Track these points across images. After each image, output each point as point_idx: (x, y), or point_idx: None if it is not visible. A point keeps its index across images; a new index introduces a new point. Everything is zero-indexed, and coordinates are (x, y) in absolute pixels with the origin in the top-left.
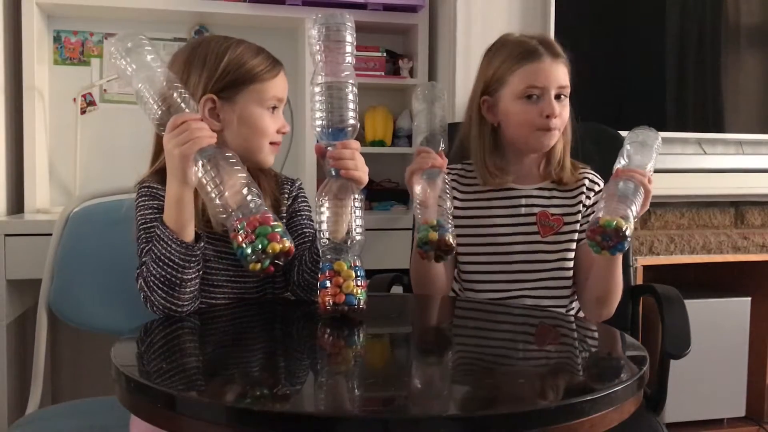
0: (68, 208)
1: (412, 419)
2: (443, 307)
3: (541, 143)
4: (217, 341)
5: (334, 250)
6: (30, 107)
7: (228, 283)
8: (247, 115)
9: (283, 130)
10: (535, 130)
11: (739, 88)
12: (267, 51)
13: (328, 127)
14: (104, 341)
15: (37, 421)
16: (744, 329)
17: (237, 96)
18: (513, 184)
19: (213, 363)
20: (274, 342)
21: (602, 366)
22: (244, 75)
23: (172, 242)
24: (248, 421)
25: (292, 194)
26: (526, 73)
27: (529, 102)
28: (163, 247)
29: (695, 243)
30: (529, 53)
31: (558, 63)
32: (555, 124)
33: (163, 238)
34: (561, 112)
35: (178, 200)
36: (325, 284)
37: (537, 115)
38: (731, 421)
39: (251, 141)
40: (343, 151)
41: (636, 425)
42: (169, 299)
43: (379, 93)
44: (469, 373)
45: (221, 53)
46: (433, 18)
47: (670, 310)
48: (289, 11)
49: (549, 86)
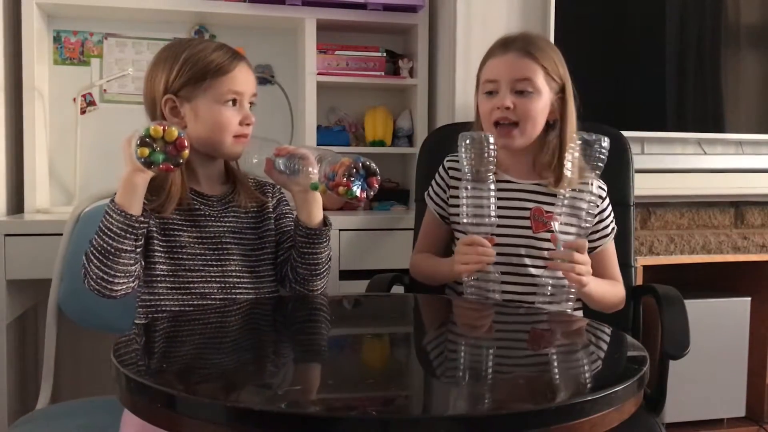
0: (79, 208)
1: (412, 419)
2: (443, 307)
3: (502, 143)
4: (217, 341)
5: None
6: (30, 107)
7: (205, 267)
8: (203, 111)
9: (246, 122)
10: (492, 124)
11: (739, 88)
12: (226, 47)
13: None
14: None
15: (38, 419)
16: (744, 329)
17: (193, 94)
18: (509, 177)
19: (213, 363)
20: (275, 342)
21: (602, 366)
22: (198, 73)
23: (114, 213)
24: (248, 421)
25: (275, 195)
26: (487, 68)
27: (487, 96)
28: (106, 219)
29: (695, 243)
30: (495, 50)
31: (522, 57)
32: (511, 116)
33: (108, 211)
34: (521, 105)
35: (128, 181)
36: (332, 175)
37: (492, 108)
38: (731, 421)
39: (211, 136)
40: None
41: (636, 425)
42: (103, 269)
43: (379, 93)
44: (469, 373)
45: (179, 54)
46: (433, 18)
47: (670, 310)
48: (289, 11)
49: (502, 79)
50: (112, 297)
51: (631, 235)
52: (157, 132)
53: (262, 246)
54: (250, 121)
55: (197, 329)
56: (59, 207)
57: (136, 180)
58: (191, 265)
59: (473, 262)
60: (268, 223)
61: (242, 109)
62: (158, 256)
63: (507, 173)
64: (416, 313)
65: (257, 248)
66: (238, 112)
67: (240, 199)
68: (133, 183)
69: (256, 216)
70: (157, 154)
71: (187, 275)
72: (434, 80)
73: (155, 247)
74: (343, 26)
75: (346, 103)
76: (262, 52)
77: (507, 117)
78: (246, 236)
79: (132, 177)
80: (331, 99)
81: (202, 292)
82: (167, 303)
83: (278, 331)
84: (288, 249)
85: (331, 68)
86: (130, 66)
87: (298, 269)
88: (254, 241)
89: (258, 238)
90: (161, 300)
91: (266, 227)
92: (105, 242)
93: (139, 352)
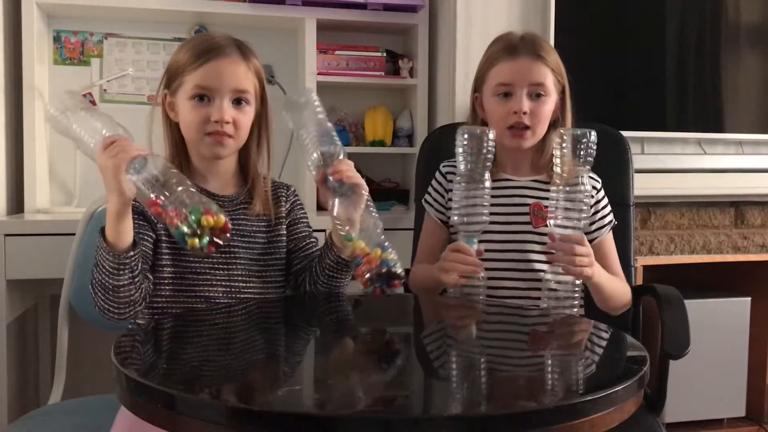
0: (92, 207)
1: (412, 419)
2: (443, 307)
3: (514, 142)
4: (217, 341)
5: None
6: (30, 107)
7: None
8: (179, 107)
9: (217, 119)
10: (506, 128)
11: (739, 88)
12: (213, 40)
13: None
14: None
15: (38, 417)
16: (744, 329)
17: (175, 91)
18: (508, 175)
19: (213, 363)
20: (275, 342)
21: (602, 366)
22: (174, 70)
23: (104, 251)
24: (248, 421)
25: (290, 199)
26: (499, 71)
27: (501, 99)
28: (99, 254)
29: (695, 243)
30: (505, 51)
31: (535, 61)
32: (526, 121)
33: (100, 247)
34: (535, 109)
35: (117, 213)
36: (358, 261)
37: (507, 112)
38: (731, 421)
39: (187, 134)
40: (339, 164)
41: (636, 425)
42: (108, 302)
43: (379, 93)
44: (469, 373)
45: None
46: (433, 18)
47: (669, 310)
48: (289, 11)
49: (518, 83)
50: (121, 322)
51: (631, 235)
52: (209, 222)
53: (272, 251)
54: (224, 119)
55: (197, 329)
56: (59, 207)
57: (124, 211)
58: (197, 267)
59: (457, 271)
60: (280, 228)
61: (216, 105)
62: (165, 258)
63: (505, 171)
64: (416, 313)
65: (266, 253)
66: (207, 109)
67: (254, 206)
68: (122, 214)
69: (267, 219)
70: (204, 238)
71: (193, 278)
72: (434, 80)
73: (162, 249)
74: (343, 26)
75: (346, 103)
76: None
77: (523, 122)
78: (255, 240)
79: (119, 209)
80: (331, 99)
81: (207, 296)
82: (173, 306)
83: (278, 332)
84: (304, 258)
85: (331, 68)
86: (130, 66)
87: (319, 286)
88: (264, 245)
89: (268, 243)
90: (166, 302)
91: (277, 232)
92: (102, 278)
93: (139, 352)
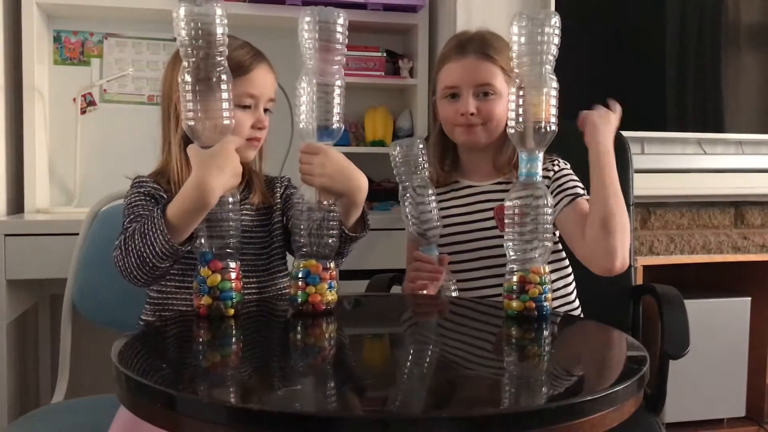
0: (95, 208)
1: (412, 419)
2: (443, 306)
3: (465, 140)
4: (217, 341)
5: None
6: (30, 107)
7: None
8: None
9: (258, 125)
10: (456, 128)
11: (739, 88)
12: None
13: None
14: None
15: (38, 417)
16: (744, 329)
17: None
18: (467, 181)
19: (213, 363)
20: (274, 342)
21: (602, 366)
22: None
23: (161, 233)
24: (248, 421)
25: (283, 184)
26: (446, 72)
27: (449, 101)
28: (152, 232)
29: (695, 243)
30: (454, 50)
31: (482, 60)
32: (474, 121)
33: (157, 225)
34: (483, 107)
35: (194, 210)
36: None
37: (455, 113)
38: (731, 421)
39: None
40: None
41: (636, 425)
42: (138, 270)
43: (379, 93)
44: (469, 372)
45: None
46: (433, 18)
47: (669, 310)
48: (289, 11)
49: (464, 84)
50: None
51: (631, 235)
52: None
53: (271, 242)
54: (263, 125)
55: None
56: (59, 207)
57: (212, 204)
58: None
59: (421, 280)
60: (277, 216)
61: (256, 112)
62: None
63: (467, 178)
64: (416, 313)
65: (267, 245)
66: (251, 116)
67: (253, 197)
68: (210, 207)
69: (265, 213)
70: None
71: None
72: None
73: None
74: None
75: (346, 103)
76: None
77: (471, 122)
78: (256, 234)
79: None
80: None
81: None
82: (175, 301)
83: (278, 332)
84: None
85: None
86: (130, 66)
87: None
88: (264, 238)
89: (267, 236)
90: (169, 298)
91: (275, 221)
92: (144, 251)
93: (139, 352)
